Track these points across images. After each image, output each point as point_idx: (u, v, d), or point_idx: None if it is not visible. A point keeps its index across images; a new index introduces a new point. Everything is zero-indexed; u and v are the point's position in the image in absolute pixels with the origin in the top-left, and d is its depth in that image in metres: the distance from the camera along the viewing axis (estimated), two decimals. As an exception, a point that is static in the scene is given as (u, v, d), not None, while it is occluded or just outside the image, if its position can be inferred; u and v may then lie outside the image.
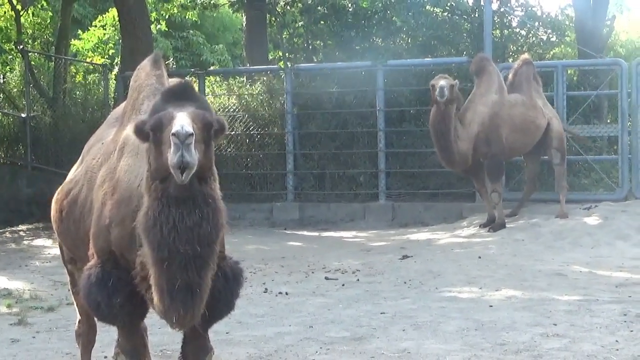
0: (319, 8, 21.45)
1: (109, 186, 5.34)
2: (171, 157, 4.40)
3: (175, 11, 24.45)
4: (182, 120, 4.45)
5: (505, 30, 21.03)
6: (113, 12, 22.69)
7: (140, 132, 4.73)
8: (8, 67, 21.39)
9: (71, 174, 6.12)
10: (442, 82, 13.78)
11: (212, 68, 25.35)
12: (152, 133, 4.64)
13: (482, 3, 19.09)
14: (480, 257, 12.49)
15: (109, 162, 5.50)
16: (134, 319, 5.43)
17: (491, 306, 9.50)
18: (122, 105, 6.32)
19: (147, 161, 4.78)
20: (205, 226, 4.68)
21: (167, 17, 25.16)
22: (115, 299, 5.20)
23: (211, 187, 4.76)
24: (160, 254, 4.66)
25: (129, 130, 5.31)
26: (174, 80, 5.33)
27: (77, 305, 6.51)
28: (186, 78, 20.72)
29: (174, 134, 4.38)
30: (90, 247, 5.46)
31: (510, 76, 15.25)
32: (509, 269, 11.58)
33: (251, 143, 18.26)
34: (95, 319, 5.98)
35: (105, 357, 7.48)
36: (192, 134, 4.40)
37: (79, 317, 6.55)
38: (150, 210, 4.67)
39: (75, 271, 6.31)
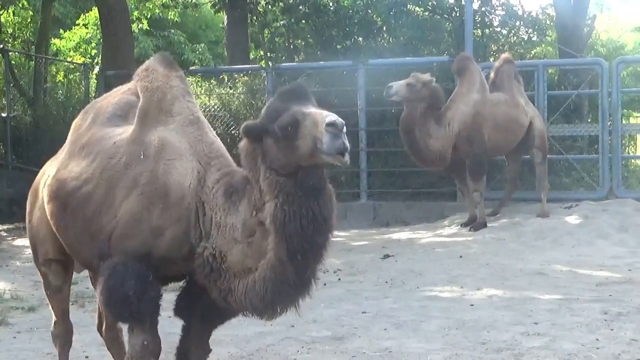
0: (301, 7, 21.46)
1: (152, 190, 5.42)
2: (331, 144, 4.66)
3: (157, 10, 24.40)
4: (333, 114, 4.77)
5: (487, 30, 21.08)
6: (95, 11, 22.61)
7: (253, 133, 4.96)
8: (-13, 66, 21.33)
9: (74, 171, 5.92)
10: (394, 83, 14.06)
11: (193, 67, 25.26)
12: (283, 131, 4.83)
13: (463, 2, 19.12)
14: (461, 256, 12.51)
15: (141, 164, 5.53)
16: (156, 318, 5.57)
17: (472, 305, 9.52)
18: (102, 103, 6.34)
19: (258, 160, 4.98)
20: (334, 217, 4.96)
21: (148, 16, 25.09)
22: (151, 292, 5.35)
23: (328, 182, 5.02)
24: (297, 247, 4.86)
25: (163, 133, 5.60)
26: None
27: (52, 307, 6.51)
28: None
29: (331, 124, 4.69)
30: (102, 244, 5.52)
31: (491, 75, 15.29)
32: (490, 268, 11.61)
33: (232, 143, 18.22)
34: (114, 318, 5.87)
35: (87, 357, 7.48)
36: (344, 124, 4.71)
37: (54, 318, 6.54)
38: (286, 204, 4.83)
39: (50, 274, 6.33)
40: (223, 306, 5.39)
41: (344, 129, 4.72)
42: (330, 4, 21.56)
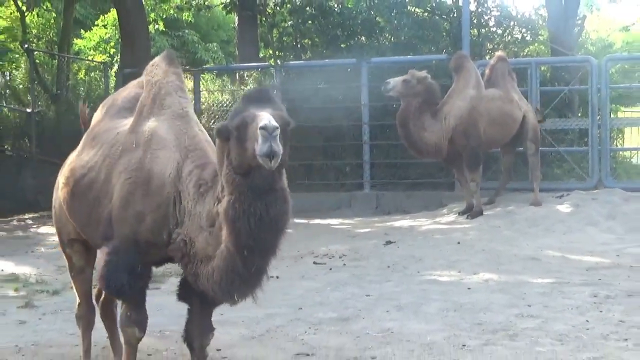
0: (307, 9, 21.41)
1: (137, 176, 5.53)
2: (260, 147, 4.60)
3: (172, 12, 24.39)
4: (268, 116, 4.67)
5: (482, 30, 21.02)
6: (114, 12, 22.61)
7: (222, 132, 4.94)
8: (14, 65, 21.29)
9: (84, 159, 6.09)
10: (391, 79, 14.27)
11: (206, 66, 25.23)
12: (237, 131, 4.83)
13: (460, 4, 19.08)
14: (459, 243, 12.50)
15: (132, 153, 5.65)
16: (145, 294, 5.71)
17: (469, 289, 9.52)
18: (117, 97, 6.47)
19: (223, 158, 4.98)
20: (284, 217, 4.96)
21: (164, 17, 25.08)
22: (138, 281, 5.54)
23: (285, 182, 5.01)
24: (244, 242, 4.89)
25: (154, 124, 5.69)
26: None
27: (76, 288, 6.56)
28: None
29: (262, 128, 4.59)
30: (104, 228, 5.66)
31: (486, 72, 15.27)
32: (486, 254, 11.61)
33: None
34: (111, 295, 6.18)
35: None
36: (277, 127, 4.62)
37: (78, 300, 6.55)
38: (237, 202, 4.85)
39: (74, 254, 6.43)
40: (199, 289, 5.46)
41: (275, 132, 4.61)
42: (335, 5, 21.48)
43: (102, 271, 5.59)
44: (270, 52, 22.05)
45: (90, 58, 23.85)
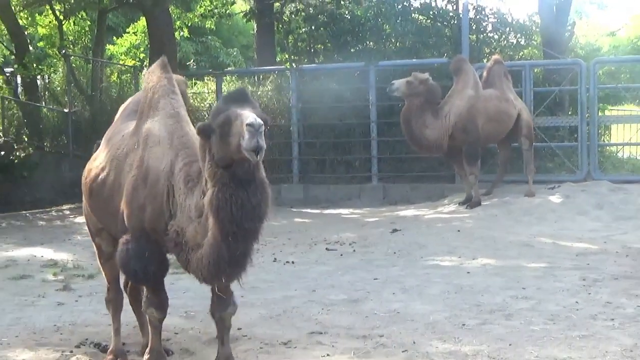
0: (320, 16, 21.39)
1: (139, 172, 5.65)
2: (247, 142, 4.69)
3: (196, 20, 24.40)
4: (253, 115, 4.77)
5: (480, 35, 20.95)
6: (143, 21, 22.61)
7: (204, 131, 5.00)
8: (52, 69, 21.30)
9: (97, 161, 6.25)
10: (396, 81, 14.36)
11: (227, 69, 25.22)
12: (220, 128, 4.90)
13: (460, 11, 19.03)
14: (459, 231, 12.48)
15: (135, 152, 5.78)
16: (161, 280, 5.79)
17: (469, 272, 9.52)
18: (130, 101, 6.61)
19: (206, 153, 5.05)
20: (264, 205, 5.02)
21: (189, 24, 25.08)
22: (150, 267, 5.59)
23: (263, 173, 5.06)
24: (228, 229, 4.96)
25: (150, 125, 5.79)
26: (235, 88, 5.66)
27: (105, 274, 6.63)
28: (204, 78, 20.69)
29: (249, 125, 4.70)
30: (120, 222, 5.77)
31: (484, 74, 15.24)
32: (484, 241, 11.59)
33: (262, 133, 18.22)
34: (129, 280, 6.33)
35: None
36: (262, 124, 4.73)
37: (107, 285, 6.57)
38: (220, 192, 4.93)
39: (102, 242, 6.51)
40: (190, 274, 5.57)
41: (261, 129, 4.71)
42: (346, 13, 21.45)
43: (118, 259, 5.73)
44: (286, 56, 22.04)
45: (121, 62, 23.87)
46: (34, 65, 19.44)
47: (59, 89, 21.00)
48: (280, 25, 22.61)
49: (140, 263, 5.58)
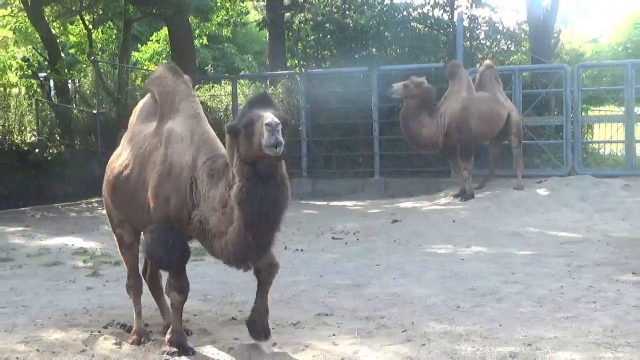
0: (327, 25, 21.38)
1: (163, 167, 5.72)
2: (267, 140, 4.84)
3: (214, 28, 24.40)
4: (271, 115, 4.91)
5: (474, 42, 20.93)
6: (165, 30, 22.59)
7: (232, 131, 5.13)
8: (82, 74, 21.29)
9: (120, 160, 6.28)
10: (395, 84, 14.42)
11: (242, 73, 25.19)
12: (244, 129, 5.02)
13: (455, 20, 19.01)
14: (454, 221, 12.48)
15: (158, 150, 5.85)
16: (183, 265, 5.81)
17: (463, 259, 9.51)
18: (144, 104, 6.55)
19: (233, 151, 5.16)
20: (283, 198, 5.15)
21: (207, 33, 25.06)
22: (174, 254, 5.66)
23: (284, 170, 5.19)
24: (252, 220, 5.09)
25: (171, 125, 5.86)
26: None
27: (125, 262, 6.65)
28: (222, 82, 20.66)
29: (267, 124, 4.84)
30: (146, 213, 5.83)
31: (477, 77, 15.22)
32: (477, 230, 11.59)
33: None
34: (155, 266, 6.33)
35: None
36: (280, 123, 4.87)
37: (127, 272, 6.59)
38: (244, 187, 5.06)
39: (124, 233, 6.53)
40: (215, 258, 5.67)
41: (278, 127, 4.85)
42: (350, 22, 21.43)
43: (145, 247, 5.83)
44: (296, 61, 22.05)
45: (145, 68, 23.84)
46: (66, 70, 19.44)
47: (88, 92, 21.01)
48: (290, 34, 22.62)
49: (165, 250, 5.65)
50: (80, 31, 22.78)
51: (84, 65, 21.36)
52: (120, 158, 6.30)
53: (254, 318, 5.95)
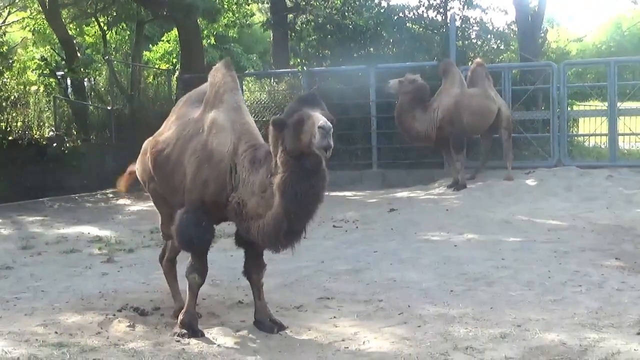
0: (327, 26, 21.37)
1: (203, 154, 5.78)
2: (319, 142, 4.87)
3: (221, 29, 24.37)
4: (324, 118, 4.94)
5: (466, 41, 20.90)
6: (175, 30, 22.56)
7: (277, 125, 5.18)
8: (97, 72, 21.29)
9: (164, 136, 6.28)
10: (391, 80, 14.49)
11: (248, 71, 25.16)
12: (293, 125, 5.06)
13: (448, 21, 18.97)
14: (447, 210, 12.47)
15: (199, 137, 5.89)
16: (208, 247, 5.89)
17: (456, 246, 9.50)
18: (198, 90, 6.50)
19: (277, 144, 5.20)
20: (322, 192, 5.25)
21: (215, 33, 25.03)
22: (206, 235, 5.74)
23: (325, 166, 5.23)
24: (292, 209, 5.17)
25: (214, 114, 5.90)
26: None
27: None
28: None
29: (321, 127, 4.87)
30: (180, 195, 5.92)
31: (469, 75, 15.20)
32: (469, 218, 11.57)
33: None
34: (182, 248, 6.15)
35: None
36: (332, 127, 4.91)
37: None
38: (289, 178, 5.11)
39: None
40: (249, 239, 5.68)
41: (331, 131, 4.88)
42: (350, 23, 21.39)
43: (176, 227, 5.80)
44: (298, 60, 22.02)
45: (157, 66, 23.81)
46: (82, 69, 19.44)
47: (103, 89, 20.98)
48: (293, 34, 22.60)
49: (197, 231, 5.69)
50: (95, 32, 22.77)
51: (99, 64, 21.36)
52: (164, 134, 6.32)
53: (260, 319, 6.03)
